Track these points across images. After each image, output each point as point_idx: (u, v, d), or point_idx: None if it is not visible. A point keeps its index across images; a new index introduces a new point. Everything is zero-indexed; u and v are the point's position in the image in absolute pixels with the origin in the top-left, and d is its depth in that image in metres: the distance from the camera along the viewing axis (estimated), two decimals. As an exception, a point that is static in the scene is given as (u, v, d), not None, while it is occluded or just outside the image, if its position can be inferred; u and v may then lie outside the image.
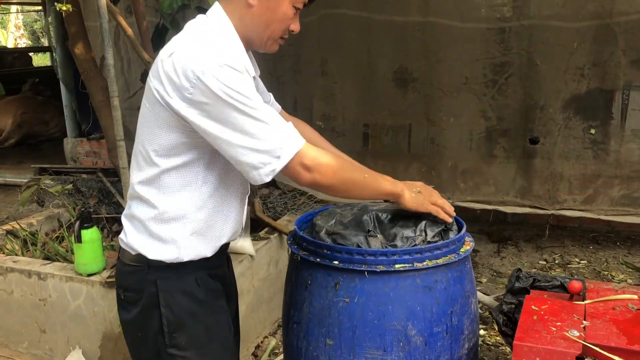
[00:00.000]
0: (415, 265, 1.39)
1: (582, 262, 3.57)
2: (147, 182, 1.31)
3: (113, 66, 2.41)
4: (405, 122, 3.91)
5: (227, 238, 1.40)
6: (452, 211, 1.48)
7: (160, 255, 1.31)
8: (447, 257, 1.43)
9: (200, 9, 2.92)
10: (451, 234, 1.51)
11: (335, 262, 1.42)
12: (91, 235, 2.44)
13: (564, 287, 1.84)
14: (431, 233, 1.46)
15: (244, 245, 2.62)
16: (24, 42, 18.08)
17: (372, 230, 1.46)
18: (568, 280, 1.81)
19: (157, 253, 1.32)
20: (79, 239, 2.41)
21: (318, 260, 1.45)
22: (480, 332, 2.70)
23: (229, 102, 1.18)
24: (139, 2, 2.77)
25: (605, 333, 1.38)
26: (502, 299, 2.14)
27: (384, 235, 1.46)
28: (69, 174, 4.02)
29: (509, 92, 3.58)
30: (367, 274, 1.39)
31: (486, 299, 2.81)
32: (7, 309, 2.66)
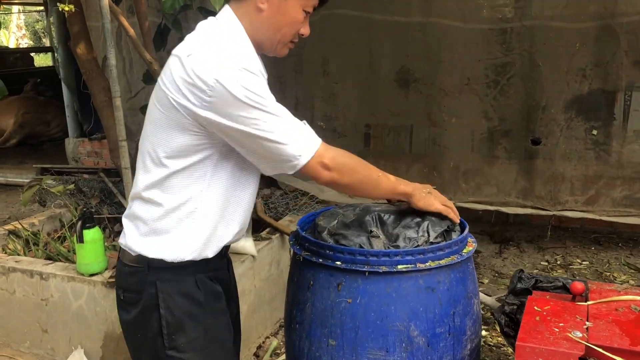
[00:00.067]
0: (417, 266, 1.39)
1: (583, 263, 3.56)
2: (154, 184, 1.30)
3: (115, 66, 2.41)
4: (406, 122, 3.90)
5: (231, 239, 1.40)
6: (458, 215, 1.53)
7: (161, 254, 1.31)
8: (449, 258, 1.43)
9: (202, 9, 2.93)
10: (454, 235, 1.51)
11: (338, 263, 1.42)
12: (93, 235, 2.44)
13: (566, 288, 1.84)
14: (434, 234, 1.46)
15: (246, 245, 2.62)
16: (25, 43, 18.10)
17: (375, 231, 1.46)
18: (570, 281, 1.81)
19: (158, 252, 1.31)
20: (80, 239, 2.41)
21: (320, 260, 1.45)
22: (482, 332, 2.70)
23: (249, 104, 1.20)
24: (141, 2, 2.77)
25: (608, 334, 1.38)
26: (504, 299, 2.13)
27: (386, 236, 1.46)
28: (71, 174, 4.03)
29: (510, 93, 3.58)
30: (369, 275, 1.39)
31: (488, 300, 2.81)
32: (9, 309, 2.66)
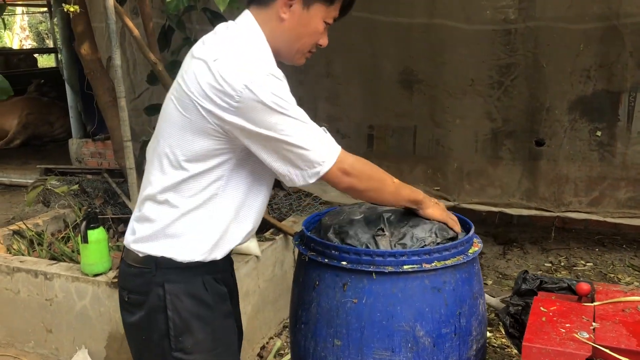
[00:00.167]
0: (423, 266, 1.39)
1: (588, 264, 3.55)
2: (170, 186, 1.29)
3: (120, 67, 2.41)
4: (410, 123, 3.90)
5: (240, 242, 1.39)
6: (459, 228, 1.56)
7: (171, 254, 1.30)
8: (455, 258, 1.43)
9: (207, 10, 2.93)
10: (459, 236, 1.51)
11: (344, 263, 1.42)
12: (97, 235, 2.44)
13: (571, 289, 1.84)
14: (440, 238, 1.46)
15: (250, 246, 2.62)
16: (29, 44, 18.16)
17: (382, 228, 1.46)
18: (575, 282, 1.80)
19: (168, 252, 1.31)
20: (85, 239, 2.41)
21: (326, 260, 1.45)
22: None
23: (276, 109, 1.20)
24: (145, 3, 2.77)
25: (615, 335, 1.38)
26: (508, 300, 2.13)
27: (393, 234, 1.46)
28: (75, 174, 4.03)
29: (514, 94, 3.57)
30: (375, 275, 1.39)
31: (492, 301, 2.80)
32: (13, 309, 2.66)
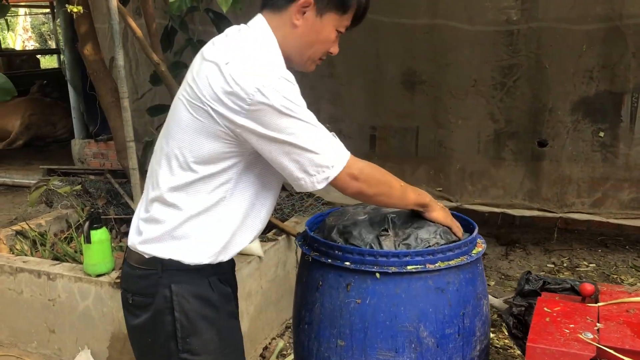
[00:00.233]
0: (427, 267, 1.39)
1: (590, 265, 3.55)
2: (179, 187, 1.29)
3: (123, 67, 2.41)
4: (412, 124, 3.89)
5: (246, 245, 1.39)
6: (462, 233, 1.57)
7: (179, 257, 1.30)
8: (459, 259, 1.43)
9: (209, 10, 2.94)
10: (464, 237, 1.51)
11: (347, 263, 1.42)
12: (100, 236, 2.44)
13: (574, 290, 1.84)
14: (444, 241, 1.46)
15: (252, 246, 2.62)
16: (31, 45, 18.21)
17: (386, 229, 1.46)
18: (578, 283, 1.80)
19: (176, 254, 1.30)
20: (88, 240, 2.41)
21: (329, 261, 1.45)
22: (489, 335, 2.69)
23: (288, 113, 1.21)
24: (148, 3, 2.78)
25: (619, 335, 1.37)
26: (511, 301, 2.13)
27: (396, 234, 1.46)
28: (77, 175, 4.04)
29: (517, 95, 3.57)
30: (378, 275, 1.39)
31: (495, 302, 2.80)
32: (16, 309, 2.67)
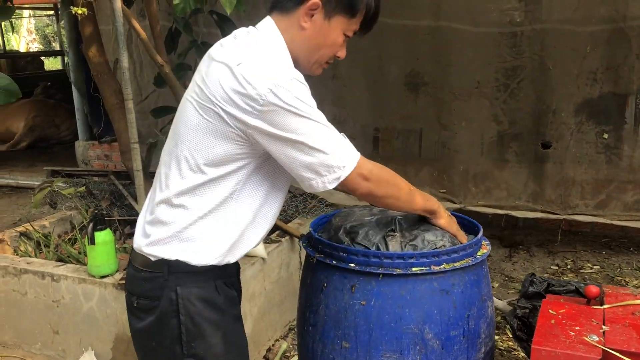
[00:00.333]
0: (432, 269, 1.38)
1: (594, 267, 3.54)
2: (188, 190, 1.28)
3: (127, 69, 2.42)
4: (416, 126, 3.90)
5: (254, 245, 1.39)
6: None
7: (186, 258, 1.29)
8: (464, 261, 1.42)
9: (213, 12, 2.95)
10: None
11: (352, 265, 1.42)
12: (104, 237, 2.44)
13: (579, 292, 1.83)
14: (451, 243, 1.46)
15: (256, 248, 2.61)
16: (35, 47, 18.27)
17: (392, 230, 1.46)
18: (583, 285, 1.80)
19: (182, 256, 1.29)
20: (92, 241, 2.42)
21: (334, 262, 1.45)
22: (493, 337, 2.68)
23: (300, 114, 1.20)
24: (152, 5, 2.78)
25: (625, 338, 1.37)
26: (515, 303, 2.12)
27: (403, 235, 1.46)
28: (81, 176, 4.04)
29: (521, 96, 3.57)
30: (383, 277, 1.39)
31: (499, 304, 2.79)
32: (20, 310, 2.67)
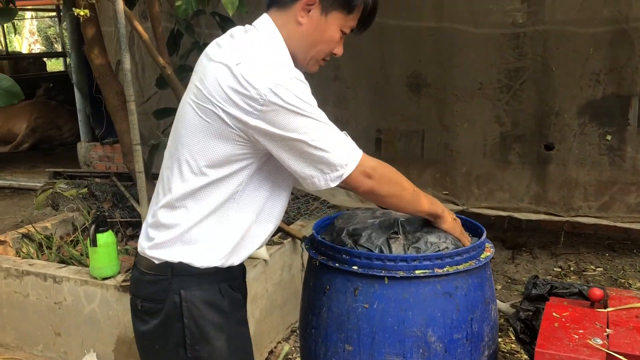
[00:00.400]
0: (435, 271, 1.38)
1: (598, 269, 3.52)
2: (190, 192, 1.28)
3: (129, 71, 2.42)
4: (418, 127, 3.89)
5: (256, 248, 1.38)
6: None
7: (190, 260, 1.29)
8: (467, 263, 1.42)
9: (216, 14, 2.95)
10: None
11: (355, 267, 1.41)
12: (106, 239, 2.44)
13: (582, 295, 1.82)
14: (454, 246, 1.45)
15: (258, 250, 2.61)
16: (38, 48, 18.30)
17: (395, 232, 1.45)
18: (586, 287, 1.79)
19: (186, 258, 1.29)
20: (94, 243, 2.41)
21: (337, 265, 1.45)
22: (496, 339, 2.67)
23: (300, 112, 1.19)
24: (154, 7, 2.78)
25: (629, 341, 1.36)
26: (518, 306, 2.11)
27: (406, 237, 1.46)
28: (83, 178, 4.04)
29: (523, 98, 3.56)
30: (386, 280, 1.38)
31: (502, 306, 2.78)
32: (22, 312, 2.67)
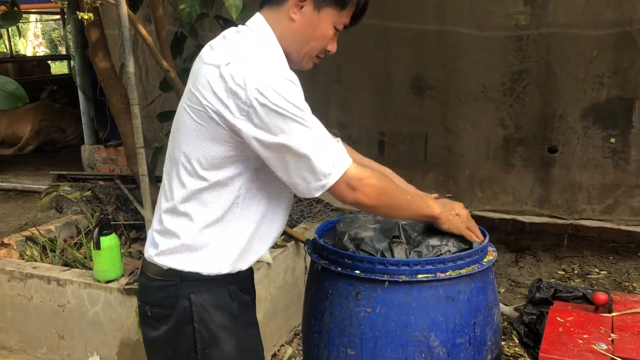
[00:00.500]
0: (438, 276, 1.38)
1: (602, 272, 3.51)
2: (190, 197, 1.27)
3: (133, 74, 2.42)
4: (421, 130, 3.89)
5: (264, 251, 1.37)
6: (482, 237, 1.50)
7: (197, 268, 1.28)
8: (470, 267, 1.41)
9: (219, 17, 2.95)
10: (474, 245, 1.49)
11: (357, 272, 1.41)
12: (110, 242, 2.45)
13: (586, 298, 1.81)
14: (455, 249, 1.45)
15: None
16: (42, 51, 18.37)
17: (398, 235, 1.45)
18: (590, 291, 1.78)
19: (194, 266, 1.28)
20: (97, 246, 2.42)
21: (339, 269, 1.44)
22: (499, 343, 2.66)
23: (287, 115, 1.16)
24: (158, 10, 2.79)
25: (634, 347, 1.35)
26: (522, 309, 2.10)
27: (408, 241, 1.45)
28: (87, 180, 4.06)
29: (527, 101, 3.55)
30: (389, 284, 1.38)
31: (506, 310, 2.77)
32: (26, 315, 2.68)
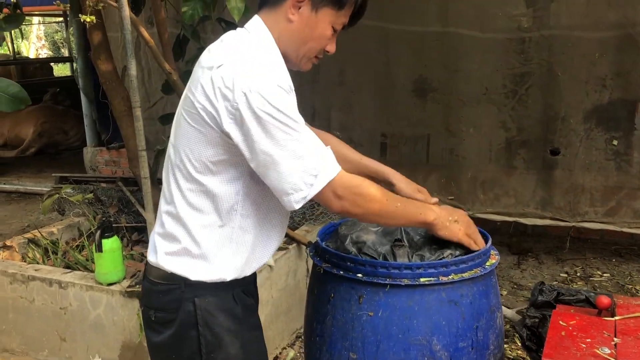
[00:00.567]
0: (440, 279, 1.37)
1: (604, 275, 3.50)
2: (188, 202, 1.26)
3: (136, 77, 2.42)
4: (423, 132, 3.88)
5: (269, 258, 1.37)
6: (483, 244, 1.47)
7: (202, 277, 1.27)
8: (472, 271, 1.41)
9: (221, 20, 2.95)
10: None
11: (359, 275, 1.41)
12: (111, 244, 2.45)
13: (589, 302, 1.81)
14: (459, 250, 1.44)
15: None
16: (45, 53, 18.42)
17: (399, 239, 1.45)
18: (593, 294, 1.77)
19: (200, 275, 1.27)
20: (99, 248, 2.42)
21: (341, 272, 1.44)
22: (502, 346, 2.66)
23: (270, 121, 1.14)
24: (160, 13, 2.79)
25: (637, 351, 1.35)
26: (524, 312, 2.10)
27: (410, 245, 1.45)
28: (89, 183, 4.05)
29: (529, 103, 3.55)
30: (391, 288, 1.38)
31: (508, 313, 2.77)
32: (28, 317, 2.68)
